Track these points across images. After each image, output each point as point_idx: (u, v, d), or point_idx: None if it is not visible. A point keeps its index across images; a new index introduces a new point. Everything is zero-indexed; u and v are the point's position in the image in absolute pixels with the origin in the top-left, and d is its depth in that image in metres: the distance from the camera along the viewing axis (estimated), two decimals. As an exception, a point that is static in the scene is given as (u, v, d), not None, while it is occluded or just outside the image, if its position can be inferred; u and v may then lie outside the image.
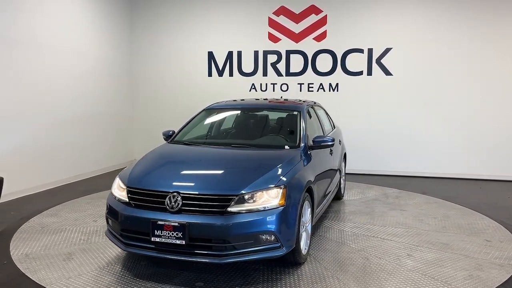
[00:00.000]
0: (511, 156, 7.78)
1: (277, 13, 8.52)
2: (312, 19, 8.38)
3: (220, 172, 3.85)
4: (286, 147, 4.34)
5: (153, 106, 9.20)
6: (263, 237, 3.37)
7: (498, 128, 7.78)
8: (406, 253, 4.17)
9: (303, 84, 8.55)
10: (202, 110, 5.42)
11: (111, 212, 3.71)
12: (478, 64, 7.78)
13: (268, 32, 8.56)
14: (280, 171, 3.72)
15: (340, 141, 6.10)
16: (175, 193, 3.46)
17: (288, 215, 3.47)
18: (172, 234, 3.34)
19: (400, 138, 8.17)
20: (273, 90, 8.67)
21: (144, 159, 4.27)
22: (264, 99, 5.87)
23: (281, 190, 3.48)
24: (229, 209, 3.35)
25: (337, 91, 8.41)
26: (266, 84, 8.69)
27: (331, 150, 5.20)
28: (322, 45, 8.39)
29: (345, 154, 6.49)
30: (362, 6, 8.18)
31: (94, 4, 7.90)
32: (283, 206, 3.43)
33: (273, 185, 3.50)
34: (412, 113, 8.10)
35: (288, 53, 8.54)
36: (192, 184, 3.58)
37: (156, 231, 3.38)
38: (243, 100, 5.80)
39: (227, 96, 7.83)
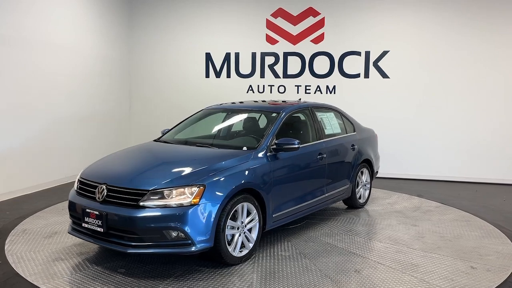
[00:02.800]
0: (507, 160, 7.82)
1: (275, 15, 8.53)
2: (310, 21, 8.40)
3: (150, 167, 4.05)
4: (244, 148, 4.35)
5: (150, 106, 9.20)
6: (172, 232, 3.51)
7: (495, 132, 7.82)
8: (355, 269, 3.87)
9: (300, 86, 8.57)
10: (197, 112, 5.60)
11: (69, 200, 4.12)
12: (475, 67, 7.82)
13: (266, 34, 8.58)
14: (206, 170, 3.82)
15: (353, 145, 5.67)
16: (103, 185, 3.76)
17: (202, 214, 3.56)
18: (95, 221, 3.68)
19: (396, 141, 8.19)
20: (270, 92, 8.68)
21: (108, 155, 4.64)
22: (262, 101, 5.88)
23: (197, 189, 3.60)
24: (141, 203, 3.54)
25: (334, 93, 8.43)
26: (264, 85, 8.70)
27: (319, 154, 4.97)
28: (320, 47, 8.42)
29: (368, 161, 6.03)
30: (360, 9, 8.21)
31: (93, 3, 7.90)
32: (197, 205, 3.54)
33: (189, 184, 3.62)
34: (409, 116, 8.13)
35: (286, 55, 8.56)
36: (119, 177, 3.85)
37: (85, 217, 3.76)
38: (242, 102, 5.83)
39: (224, 97, 7.88)
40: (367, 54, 8.23)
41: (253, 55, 8.67)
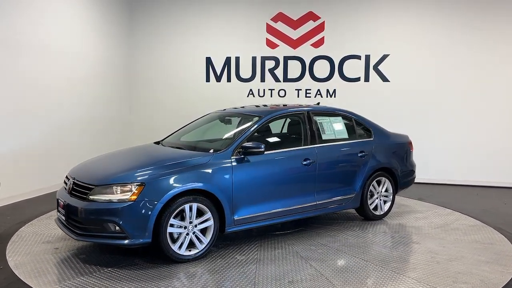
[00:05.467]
0: (507, 163, 7.83)
1: (275, 19, 8.57)
2: (310, 25, 8.44)
3: (112, 165, 4.40)
4: (211, 150, 4.45)
5: (151, 110, 9.21)
6: (110, 225, 3.79)
7: (495, 135, 7.83)
8: (291, 280, 3.73)
9: (301, 90, 8.59)
10: (202, 116, 5.76)
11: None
12: (476, 69, 7.84)
13: (266, 38, 8.61)
14: (153, 169, 4.04)
15: (362, 152, 5.35)
16: (72, 179, 4.23)
17: (139, 211, 3.78)
18: (62, 211, 4.14)
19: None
20: (271, 96, 8.70)
21: (99, 155, 5.04)
22: (264, 105, 5.88)
23: (136, 187, 3.83)
24: (90, 196, 3.91)
25: (335, 97, 8.45)
26: (264, 89, 8.72)
27: (306, 160, 4.82)
28: (320, 51, 8.45)
29: (388, 170, 5.63)
30: (360, 13, 8.25)
31: (93, 7, 7.93)
32: (133, 202, 3.78)
33: (129, 181, 3.88)
34: (409, 119, 8.14)
35: (286, 59, 8.58)
36: (83, 173, 4.29)
37: (58, 207, 4.25)
38: (243, 107, 5.84)
39: (224, 101, 7.93)
40: (367, 57, 8.26)
41: (254, 59, 8.70)
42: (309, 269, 3.98)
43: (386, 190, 5.69)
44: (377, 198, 5.60)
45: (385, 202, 5.70)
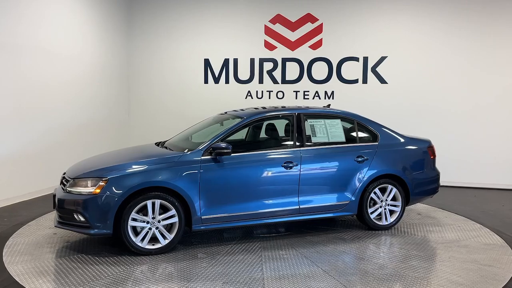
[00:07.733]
0: (506, 165, 7.84)
1: (273, 21, 8.57)
2: (308, 27, 8.45)
3: (94, 162, 4.65)
4: (185, 150, 4.58)
5: (149, 112, 9.20)
6: (78, 215, 4.13)
7: (493, 137, 7.85)
8: (224, 281, 3.72)
9: (299, 91, 8.59)
10: (204, 119, 5.88)
11: None
12: (473, 71, 7.87)
13: (264, 40, 8.61)
14: (121, 166, 4.30)
15: (360, 156, 5.04)
16: (63, 174, 4.65)
17: (100, 204, 4.08)
18: (53, 201, 4.48)
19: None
20: (269, 98, 8.70)
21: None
22: (262, 107, 5.86)
23: (100, 181, 4.14)
24: (68, 188, 4.27)
25: (333, 99, 8.46)
26: (262, 91, 8.72)
27: (287, 162, 4.71)
28: (318, 53, 8.45)
29: (395, 177, 5.20)
30: (358, 15, 8.27)
31: (92, 9, 7.92)
32: (96, 195, 4.09)
33: (95, 176, 4.21)
34: (407, 121, 8.14)
35: (284, 60, 8.59)
36: (71, 169, 4.67)
37: (53, 199, 4.51)
38: (243, 110, 5.81)
39: (223, 103, 7.92)
40: (365, 59, 8.27)
41: (252, 61, 8.70)
42: (256, 273, 3.89)
43: (394, 199, 5.26)
44: (380, 206, 5.17)
45: (392, 212, 5.26)
